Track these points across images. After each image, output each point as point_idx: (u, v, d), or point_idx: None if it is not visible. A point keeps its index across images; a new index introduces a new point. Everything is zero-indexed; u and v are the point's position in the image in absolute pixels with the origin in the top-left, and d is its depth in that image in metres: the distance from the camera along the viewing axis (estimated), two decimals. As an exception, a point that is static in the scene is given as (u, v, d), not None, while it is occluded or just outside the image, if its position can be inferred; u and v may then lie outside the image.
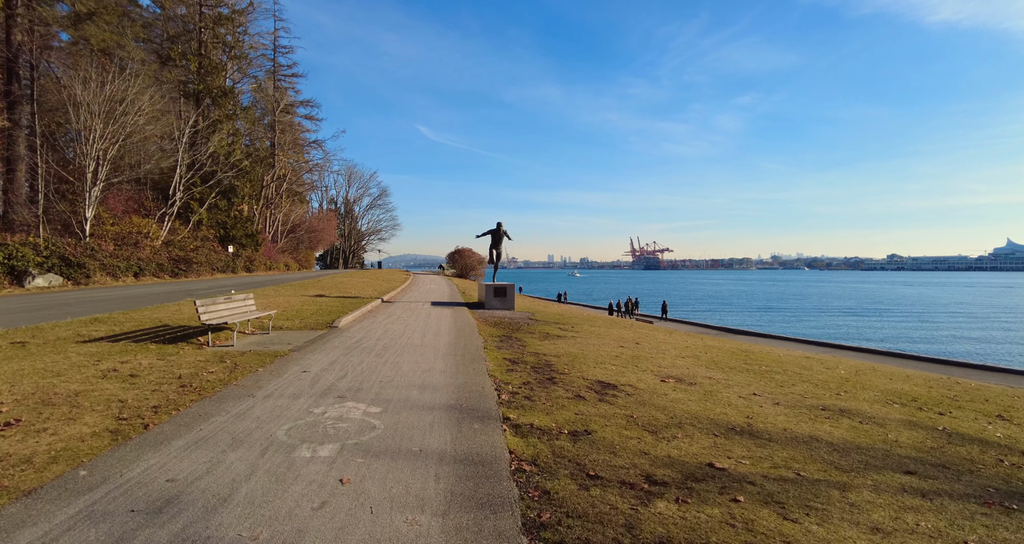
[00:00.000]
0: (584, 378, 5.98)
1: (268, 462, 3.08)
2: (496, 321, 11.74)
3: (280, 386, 4.94)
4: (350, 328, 9.36)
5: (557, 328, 11.16)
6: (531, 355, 7.36)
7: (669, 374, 6.69)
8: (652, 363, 7.48)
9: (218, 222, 34.24)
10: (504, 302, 14.97)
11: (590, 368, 6.64)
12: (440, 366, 6.13)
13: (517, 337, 9.22)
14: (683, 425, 4.38)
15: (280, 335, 8.26)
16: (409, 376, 5.55)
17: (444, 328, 9.75)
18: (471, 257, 51.31)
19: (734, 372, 7.34)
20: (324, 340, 7.85)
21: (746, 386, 6.29)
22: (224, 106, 33.85)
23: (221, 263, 31.40)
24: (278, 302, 12.61)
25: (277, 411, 4.12)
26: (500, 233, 15.97)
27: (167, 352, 6.25)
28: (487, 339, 8.71)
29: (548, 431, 3.97)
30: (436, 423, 3.95)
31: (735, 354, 9.45)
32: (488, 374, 5.81)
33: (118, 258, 23.03)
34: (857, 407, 5.48)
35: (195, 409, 4.07)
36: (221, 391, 4.67)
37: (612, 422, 4.33)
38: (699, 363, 7.92)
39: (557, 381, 5.75)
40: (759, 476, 3.31)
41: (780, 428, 4.46)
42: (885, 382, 7.42)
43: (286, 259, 47.17)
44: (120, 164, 25.46)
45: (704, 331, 22.25)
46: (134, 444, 3.25)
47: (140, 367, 5.32)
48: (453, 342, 8.06)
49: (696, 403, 5.19)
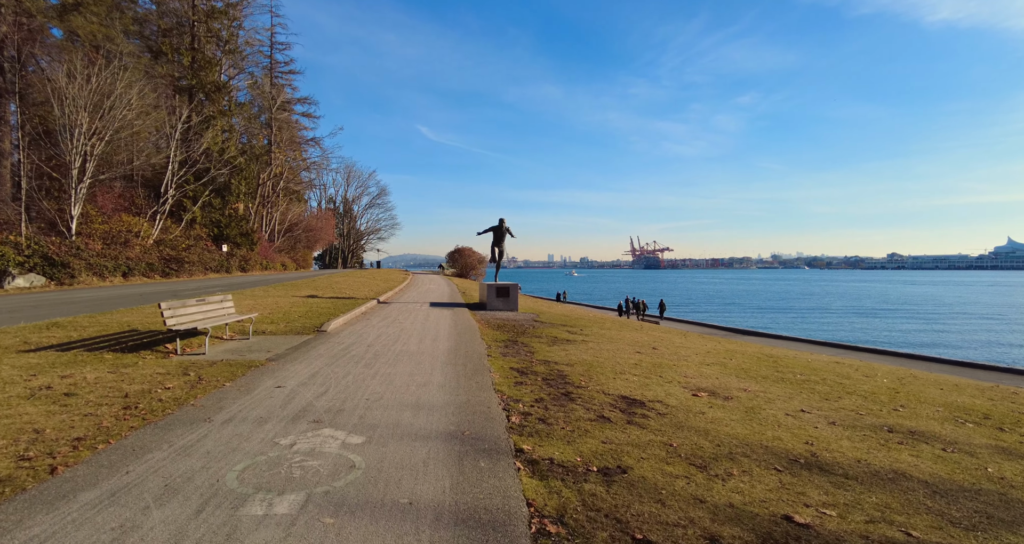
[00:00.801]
0: (605, 393, 5.17)
1: (202, 526, 2.27)
2: (499, 324, 10.94)
3: (246, 406, 4.13)
4: (340, 332, 8.54)
5: (565, 331, 10.35)
6: (541, 364, 6.55)
7: (699, 386, 5.88)
8: (676, 372, 6.67)
9: (212, 221, 33.42)
10: (507, 303, 14.16)
11: (609, 380, 5.83)
12: (438, 379, 5.31)
13: (523, 342, 8.41)
14: (735, 456, 3.57)
15: (261, 341, 7.45)
16: (402, 392, 4.73)
17: (443, 332, 8.94)
18: (471, 256, 50.50)
19: (769, 382, 6.53)
20: (309, 347, 7.04)
21: (788, 400, 5.49)
22: (218, 102, 33.02)
23: (215, 263, 30.56)
24: (266, 303, 11.79)
25: (234, 442, 3.31)
26: (502, 230, 15.15)
27: (124, 363, 5.43)
28: (491, 344, 7.89)
29: (573, 469, 3.16)
30: (432, 459, 3.13)
31: (762, 360, 8.65)
32: (494, 389, 5.00)
33: (105, 257, 22.20)
34: (927, 428, 4.67)
35: (130, 441, 3.25)
36: (173, 414, 3.86)
37: (649, 453, 3.52)
38: (727, 372, 7.11)
39: (574, 397, 4.94)
40: (858, 538, 2.50)
41: (852, 459, 3.65)
42: (938, 393, 6.61)
43: (283, 259, 46.33)
44: (108, 160, 24.64)
45: (713, 332, 21.44)
46: (22, 501, 2.42)
47: (82, 383, 4.50)
48: (453, 348, 7.25)
49: (740, 424, 4.39)
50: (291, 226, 54.30)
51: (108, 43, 24.89)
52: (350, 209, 78.44)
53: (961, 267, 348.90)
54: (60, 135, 21.11)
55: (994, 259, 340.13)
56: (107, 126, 22.53)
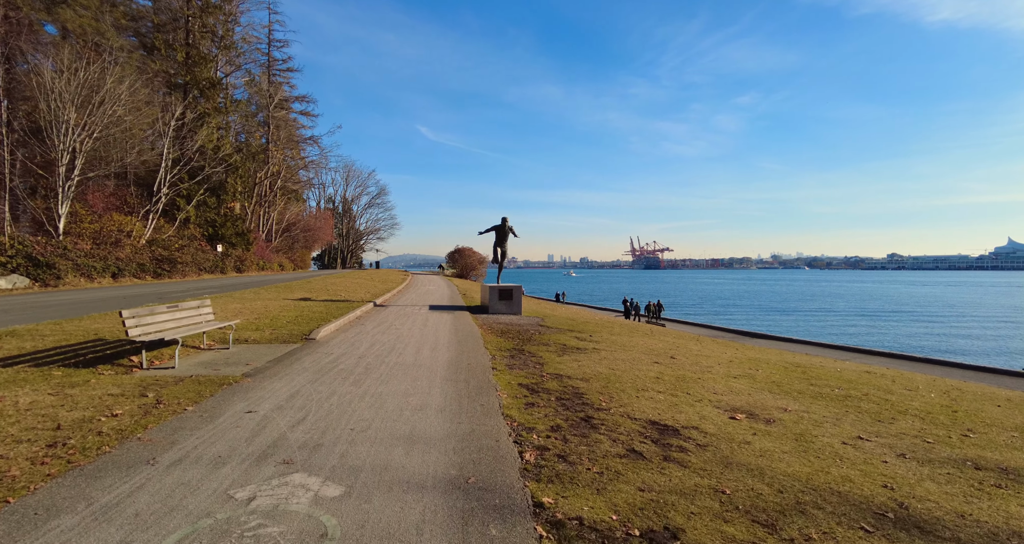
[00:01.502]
0: (630, 417, 4.45)
1: None
2: (503, 329, 10.23)
3: (205, 440, 3.41)
4: (330, 340, 7.82)
5: (574, 337, 9.63)
6: (552, 378, 5.84)
7: (733, 406, 5.16)
8: (703, 388, 5.96)
9: (207, 220, 32.68)
10: (510, 306, 13.44)
11: (632, 398, 5.11)
12: (437, 400, 4.59)
13: (530, 351, 7.69)
14: (805, 508, 2.85)
15: (242, 351, 6.73)
16: (394, 418, 4.02)
17: (443, 339, 8.22)
18: (472, 257, 49.80)
19: (807, 399, 5.82)
20: (293, 358, 6.32)
21: (838, 423, 4.77)
22: (213, 98, 32.29)
23: (209, 263, 29.82)
24: (254, 307, 11.07)
25: (176, 497, 2.59)
26: (505, 230, 14.44)
27: (73, 381, 4.71)
28: (495, 354, 7.18)
29: (609, 534, 2.45)
30: (428, 524, 2.42)
31: (790, 370, 7.93)
32: (502, 412, 4.28)
33: (94, 258, 21.46)
34: (1016, 462, 3.95)
35: (35, 499, 2.53)
36: (109, 453, 3.14)
37: (699, 505, 2.80)
38: (758, 386, 6.40)
39: (596, 423, 4.22)
40: None
41: (952, 512, 2.94)
42: (998, 412, 5.89)
43: (280, 259, 45.60)
44: (99, 158, 23.92)
45: (722, 335, 20.73)
46: None
47: (9, 411, 3.78)
48: (454, 359, 6.53)
49: (795, 458, 3.67)
50: (289, 226, 53.58)
51: (99, 37, 24.16)
52: (349, 209, 77.72)
53: (962, 267, 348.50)
54: (46, 131, 20.39)
55: (994, 259, 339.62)
56: (96, 122, 21.81)
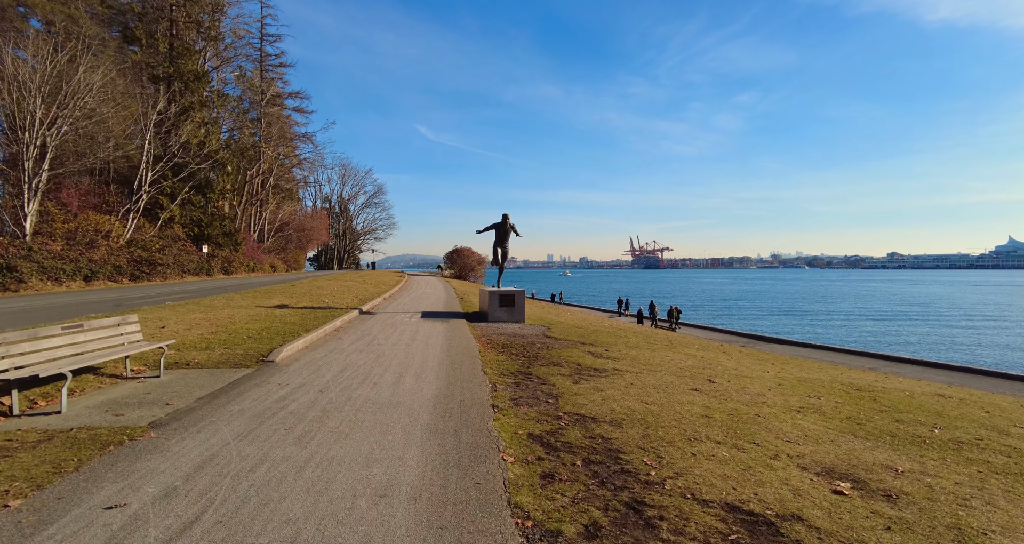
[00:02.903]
0: (697, 498, 3.01)
1: None
2: (504, 342, 8.79)
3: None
4: (292, 364, 6.36)
5: (588, 353, 8.18)
6: (573, 422, 4.39)
7: (824, 465, 3.73)
8: (770, 431, 4.52)
9: (192, 219, 31.19)
10: (512, 313, 12.00)
11: (686, 456, 3.67)
12: (412, 474, 3.13)
13: (539, 375, 6.24)
14: None
15: (175, 380, 5.28)
16: (339, 517, 2.56)
17: (433, 360, 6.78)
18: (470, 257, 48.35)
19: (908, 447, 4.39)
20: (234, 393, 4.87)
21: (987, 498, 3.33)
22: (198, 92, 30.78)
23: (193, 265, 28.31)
24: (218, 317, 9.61)
25: None
26: (506, 228, 12.99)
27: None
28: (496, 381, 5.74)
29: None
30: None
31: (854, 397, 6.50)
32: (508, 501, 2.83)
33: (64, 260, 19.96)
34: None
35: None
36: None
37: None
38: (833, 425, 4.95)
39: (651, 515, 2.78)
40: None
41: None
42: None
43: (272, 260, 44.10)
44: (69, 152, 22.41)
45: (740, 340, 19.32)
46: None
47: None
48: (443, 393, 5.08)
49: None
50: (282, 226, 52.08)
51: (71, 24, 22.66)
52: (346, 208, 76.25)
53: (962, 266, 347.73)
54: (9, 124, 18.90)
55: (995, 258, 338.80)
56: (67, 114, 20.32)
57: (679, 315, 25.01)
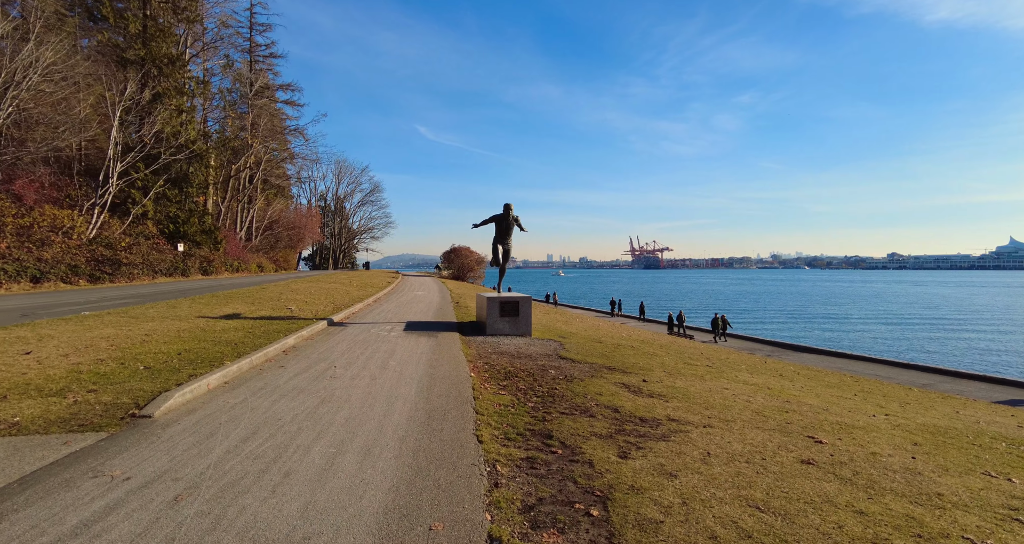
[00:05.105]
0: None
1: None
2: (507, 367, 6.55)
3: None
4: (177, 421, 4.08)
5: (622, 386, 5.94)
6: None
7: None
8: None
9: (167, 215, 28.86)
10: (516, 325, 9.76)
11: None
12: None
13: (564, 440, 3.99)
14: None
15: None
16: None
17: (400, 412, 4.53)
18: (469, 256, 46.07)
19: None
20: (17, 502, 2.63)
21: None
22: (173, 77, 28.46)
23: (166, 264, 25.97)
24: (131, 334, 7.33)
25: None
26: (509, 221, 10.77)
27: None
28: (497, 459, 3.49)
29: None
30: None
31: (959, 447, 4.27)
32: None
33: (7, 259, 17.68)
34: None
35: None
36: None
37: None
38: None
39: None
40: None
41: None
42: None
43: (259, 259, 41.76)
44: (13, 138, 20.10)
45: (760, 348, 17.13)
46: None
47: None
48: (400, 507, 2.84)
49: None
50: (271, 223, 49.76)
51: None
52: (342, 207, 73.86)
53: (963, 267, 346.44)
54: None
55: (996, 259, 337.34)
56: (9, 96, 18.02)
57: (726, 326, 21.09)
